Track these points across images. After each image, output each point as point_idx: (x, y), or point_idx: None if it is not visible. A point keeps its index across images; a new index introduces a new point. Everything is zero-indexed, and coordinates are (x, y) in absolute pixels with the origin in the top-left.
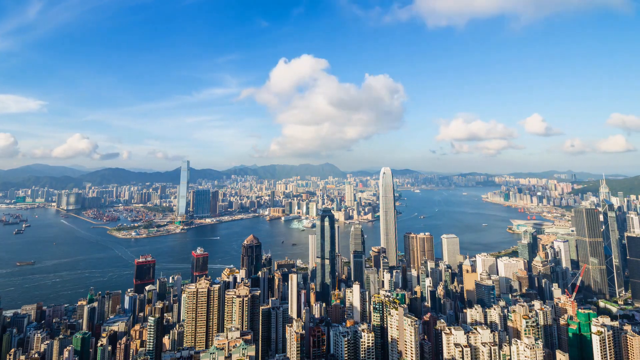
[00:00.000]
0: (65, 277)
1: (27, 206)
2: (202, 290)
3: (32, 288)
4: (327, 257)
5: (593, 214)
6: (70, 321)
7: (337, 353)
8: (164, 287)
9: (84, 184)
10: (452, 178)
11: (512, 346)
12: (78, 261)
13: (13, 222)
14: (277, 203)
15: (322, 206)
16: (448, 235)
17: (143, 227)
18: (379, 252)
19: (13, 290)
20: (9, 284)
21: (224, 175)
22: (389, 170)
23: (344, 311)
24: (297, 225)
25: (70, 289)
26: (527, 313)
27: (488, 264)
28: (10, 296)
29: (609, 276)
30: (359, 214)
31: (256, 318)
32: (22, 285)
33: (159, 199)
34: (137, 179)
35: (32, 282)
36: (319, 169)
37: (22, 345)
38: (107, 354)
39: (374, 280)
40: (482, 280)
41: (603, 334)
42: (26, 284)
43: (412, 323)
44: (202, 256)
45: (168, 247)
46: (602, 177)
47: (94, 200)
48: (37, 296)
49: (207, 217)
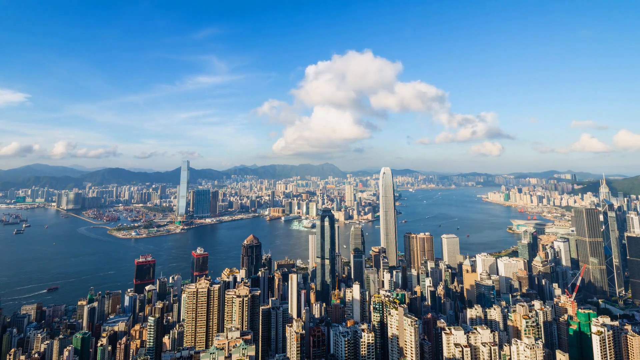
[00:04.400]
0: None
1: (27, 206)
2: (202, 290)
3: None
4: (327, 257)
5: (593, 214)
6: (70, 321)
7: (337, 353)
8: (164, 287)
9: (84, 184)
10: (452, 178)
11: (512, 346)
12: (78, 261)
13: (13, 222)
14: (277, 203)
15: (322, 206)
16: (448, 235)
17: (143, 227)
18: (379, 252)
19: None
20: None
21: (224, 175)
22: (389, 170)
23: (344, 311)
24: (297, 225)
25: (70, 289)
26: (527, 313)
27: (488, 264)
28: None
29: (609, 276)
30: (359, 214)
31: (256, 318)
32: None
33: (159, 199)
34: (137, 179)
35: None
36: (319, 169)
37: (22, 345)
38: (107, 354)
39: (374, 280)
40: (482, 280)
41: (603, 334)
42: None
43: (412, 323)
44: (202, 256)
45: (168, 247)
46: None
47: (94, 200)
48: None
49: (207, 217)
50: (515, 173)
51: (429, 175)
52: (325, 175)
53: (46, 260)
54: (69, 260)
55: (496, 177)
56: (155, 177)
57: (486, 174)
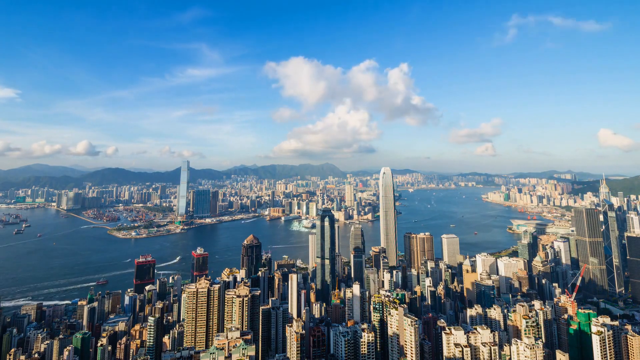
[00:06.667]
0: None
1: (27, 206)
2: (202, 290)
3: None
4: (327, 257)
5: (593, 214)
6: (70, 321)
7: (337, 353)
8: (164, 287)
9: (84, 184)
10: (452, 178)
11: (512, 346)
12: (78, 261)
13: (13, 222)
14: (277, 203)
15: (322, 206)
16: (448, 235)
17: (143, 227)
18: (379, 252)
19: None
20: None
21: (224, 175)
22: (389, 170)
23: (344, 311)
24: (297, 225)
25: (70, 288)
26: (527, 313)
27: (488, 264)
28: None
29: (609, 276)
30: (359, 214)
31: (256, 318)
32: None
33: (159, 199)
34: (137, 179)
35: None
36: (319, 169)
37: (22, 345)
38: (107, 354)
39: (374, 280)
40: (482, 280)
41: (603, 334)
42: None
43: (412, 323)
44: (202, 256)
45: (168, 247)
46: (602, 177)
47: (94, 200)
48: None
49: (207, 217)
50: (515, 173)
51: (429, 175)
52: (325, 175)
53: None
54: (69, 261)
55: (496, 177)
56: (155, 177)
57: (486, 173)
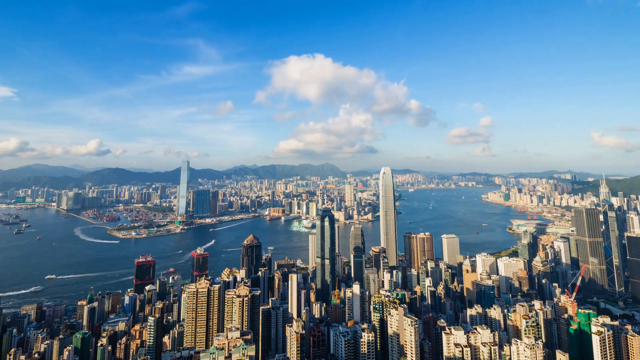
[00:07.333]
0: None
1: (27, 206)
2: (202, 290)
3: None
4: (327, 257)
5: (593, 214)
6: (70, 321)
7: (337, 353)
8: (164, 287)
9: (84, 184)
10: (452, 178)
11: (512, 346)
12: (78, 261)
13: (13, 222)
14: (277, 203)
15: (322, 206)
16: (448, 235)
17: (143, 227)
18: (379, 252)
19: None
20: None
21: (224, 175)
22: (389, 170)
23: (344, 311)
24: (297, 225)
25: (70, 289)
26: (527, 313)
27: (488, 264)
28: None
29: (609, 276)
30: (359, 214)
31: (256, 318)
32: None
33: (159, 199)
34: (137, 179)
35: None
36: (319, 169)
37: (22, 345)
38: (107, 354)
39: (374, 280)
40: (482, 280)
41: (603, 334)
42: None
43: (412, 323)
44: (202, 256)
45: (168, 247)
46: (602, 177)
47: (94, 200)
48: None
49: (207, 217)
50: (515, 173)
51: (429, 175)
52: (325, 175)
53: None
54: (69, 261)
55: (496, 177)
56: (155, 177)
57: (486, 174)
